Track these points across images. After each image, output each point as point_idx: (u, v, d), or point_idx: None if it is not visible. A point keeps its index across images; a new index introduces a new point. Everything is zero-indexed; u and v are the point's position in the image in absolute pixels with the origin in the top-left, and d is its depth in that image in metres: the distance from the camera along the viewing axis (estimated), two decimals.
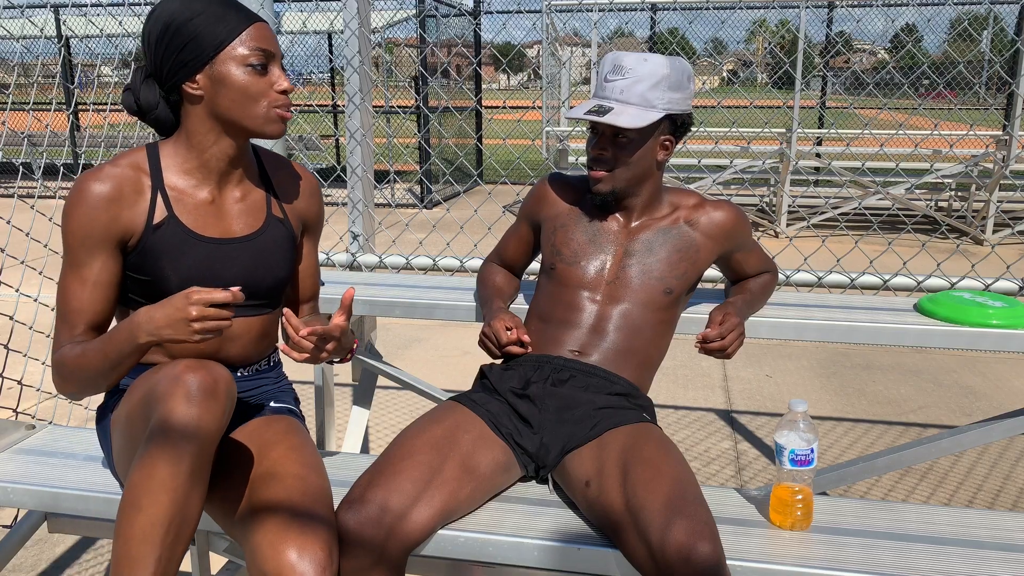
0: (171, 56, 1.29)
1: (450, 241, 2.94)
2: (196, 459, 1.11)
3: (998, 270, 2.48)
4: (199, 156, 1.36)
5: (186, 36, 1.28)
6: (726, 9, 8.04)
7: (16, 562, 2.26)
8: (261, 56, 1.31)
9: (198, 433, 1.11)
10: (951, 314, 1.80)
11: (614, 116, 1.54)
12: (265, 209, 1.44)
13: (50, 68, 12.14)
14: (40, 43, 10.58)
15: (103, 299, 1.32)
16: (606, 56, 1.62)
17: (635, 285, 1.62)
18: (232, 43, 1.29)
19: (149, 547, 1.09)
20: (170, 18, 1.28)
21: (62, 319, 1.32)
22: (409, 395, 3.61)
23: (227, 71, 1.29)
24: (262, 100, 1.32)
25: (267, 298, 1.45)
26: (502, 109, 13.93)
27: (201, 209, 1.37)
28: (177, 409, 1.10)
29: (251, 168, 1.45)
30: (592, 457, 1.39)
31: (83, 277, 1.31)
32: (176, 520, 1.10)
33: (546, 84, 9.12)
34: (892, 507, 1.45)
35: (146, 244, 1.32)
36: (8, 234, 2.70)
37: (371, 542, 1.24)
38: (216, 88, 1.30)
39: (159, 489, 1.09)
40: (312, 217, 1.55)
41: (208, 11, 1.29)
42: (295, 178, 1.52)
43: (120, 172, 1.31)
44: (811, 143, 8.53)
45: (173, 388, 1.12)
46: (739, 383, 3.73)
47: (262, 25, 1.33)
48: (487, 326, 1.64)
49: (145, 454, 1.10)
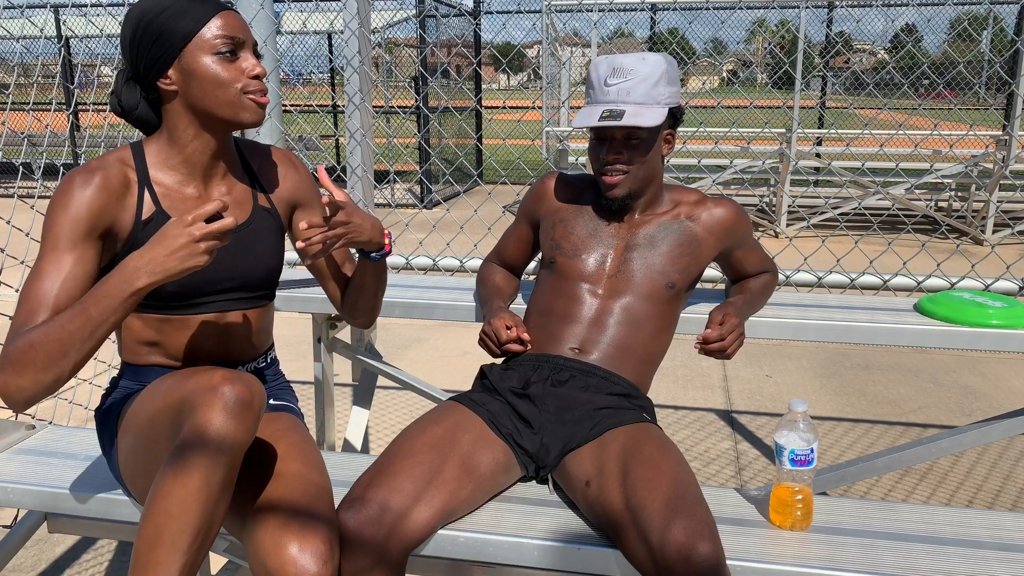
0: (144, 54, 1.30)
1: (450, 241, 2.94)
2: (228, 470, 1.11)
3: (998, 270, 2.48)
4: (181, 152, 1.36)
5: (155, 32, 1.29)
6: (726, 9, 8.04)
7: (16, 562, 2.26)
8: (228, 43, 1.31)
9: (233, 445, 1.11)
10: (951, 314, 1.80)
11: (632, 118, 1.54)
12: (252, 201, 1.45)
13: (50, 68, 12.14)
14: (40, 43, 10.57)
15: (73, 288, 1.25)
16: (597, 62, 1.62)
17: (637, 278, 1.63)
18: (199, 33, 1.29)
19: (177, 554, 1.09)
20: (140, 17, 1.29)
21: (23, 306, 1.23)
22: (409, 395, 3.61)
23: (195, 61, 1.30)
24: (233, 86, 1.32)
25: (261, 289, 1.46)
26: (502, 109, 13.94)
27: (188, 204, 1.37)
28: (215, 420, 1.10)
29: (234, 162, 1.45)
30: (592, 457, 1.39)
31: (59, 263, 1.25)
32: (204, 529, 1.10)
33: (546, 84, 9.12)
34: (892, 507, 1.46)
35: (136, 239, 1.32)
36: (8, 234, 2.70)
37: (371, 542, 1.24)
38: (187, 80, 1.30)
39: (192, 498, 1.09)
40: (301, 193, 1.53)
41: (174, 5, 1.29)
42: (272, 163, 1.52)
43: (108, 166, 1.31)
44: (811, 143, 8.53)
45: (211, 399, 1.11)
46: (739, 383, 3.73)
47: (229, 13, 1.33)
48: (487, 324, 1.64)
49: (179, 462, 1.10)
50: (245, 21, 1.37)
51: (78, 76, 10.45)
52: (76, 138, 9.68)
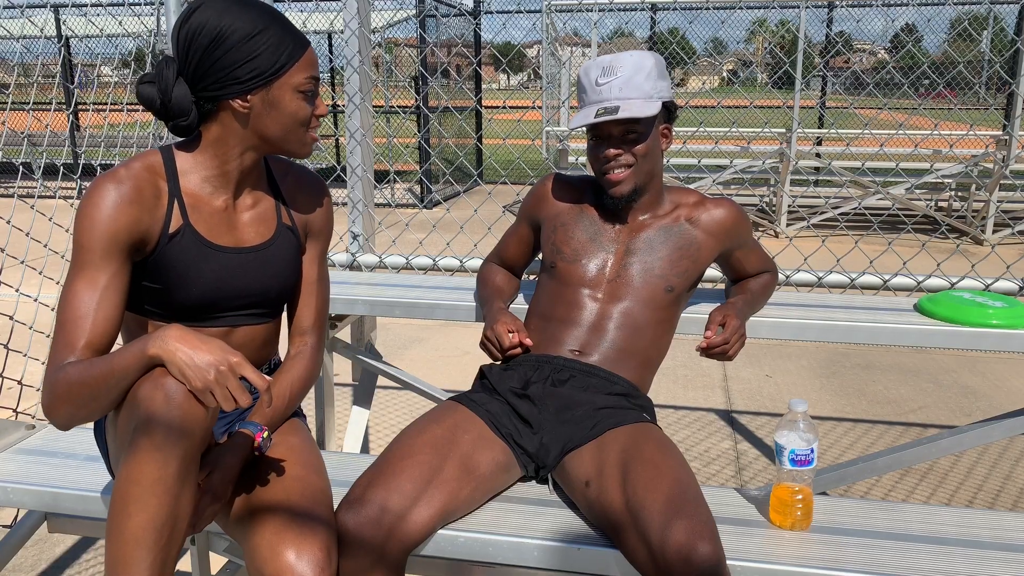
0: (222, 70, 1.24)
1: (450, 241, 2.93)
2: (183, 460, 1.09)
3: (998, 270, 2.48)
4: (221, 166, 1.33)
5: (244, 54, 1.24)
6: (726, 9, 8.04)
7: (16, 562, 2.26)
8: (314, 84, 1.30)
9: (183, 434, 1.08)
10: (951, 314, 1.80)
11: (628, 111, 1.54)
12: (276, 217, 1.42)
13: (50, 68, 12.13)
14: (40, 43, 10.57)
15: (110, 307, 1.23)
16: (586, 66, 1.63)
17: (636, 283, 1.63)
18: (291, 69, 1.27)
19: (143, 551, 1.08)
20: (226, 30, 1.23)
21: (62, 331, 1.22)
22: (409, 395, 3.61)
23: (282, 96, 1.28)
24: (306, 124, 1.32)
25: (273, 307, 1.44)
26: (502, 109, 13.94)
27: (215, 217, 1.34)
28: (158, 412, 1.07)
29: (261, 175, 1.43)
30: (592, 457, 1.39)
31: (95, 281, 1.23)
32: (168, 522, 1.09)
33: (546, 84, 9.12)
34: (892, 507, 1.45)
35: (161, 252, 1.29)
36: (8, 234, 2.70)
37: (371, 542, 1.24)
38: (267, 110, 1.28)
39: (148, 493, 1.07)
40: (317, 223, 1.49)
41: (269, 31, 1.25)
42: (303, 184, 1.49)
43: (138, 175, 1.27)
44: (811, 143, 8.53)
45: (153, 391, 1.09)
46: (739, 383, 3.73)
47: (312, 51, 1.32)
48: (489, 329, 1.64)
49: (130, 457, 1.09)
50: None
51: (78, 76, 10.45)
52: (76, 138, 9.68)
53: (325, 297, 1.52)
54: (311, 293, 1.50)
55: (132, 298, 1.34)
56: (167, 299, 1.32)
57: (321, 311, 1.51)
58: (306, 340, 1.49)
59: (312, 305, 1.50)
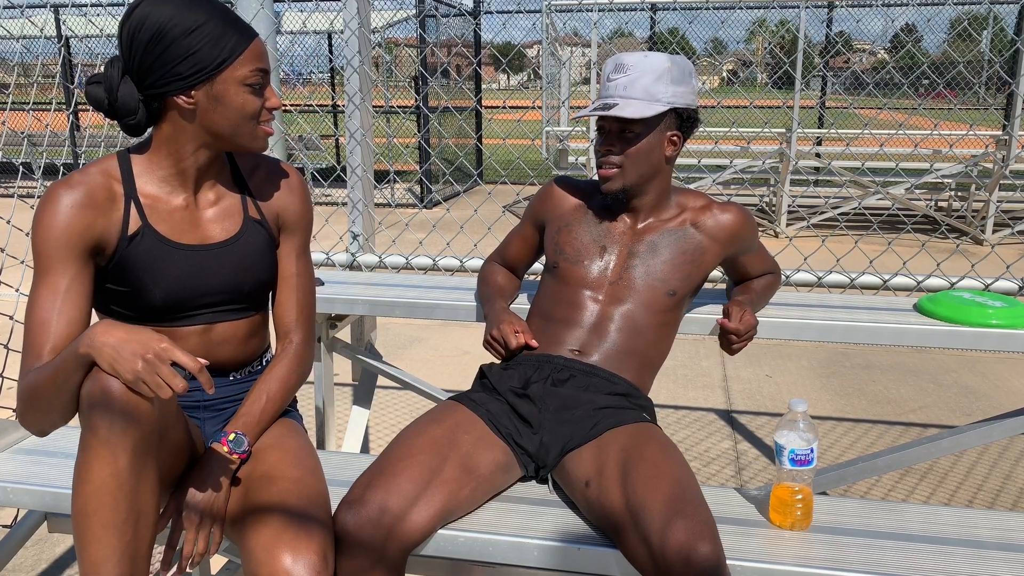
0: (164, 66, 1.23)
1: (450, 241, 2.94)
2: (133, 453, 1.07)
3: (998, 270, 2.48)
4: (176, 164, 1.32)
5: (185, 49, 1.22)
6: (726, 9, 8.04)
7: (16, 562, 2.26)
8: (260, 76, 1.29)
9: (128, 426, 1.06)
10: (951, 314, 1.80)
11: (619, 109, 1.54)
12: (242, 212, 1.40)
13: (50, 68, 12.14)
14: (40, 43, 10.58)
15: (73, 311, 1.23)
16: (608, 59, 1.63)
17: (638, 286, 1.62)
18: (234, 63, 1.26)
19: (107, 550, 1.07)
20: (165, 25, 1.22)
21: (27, 338, 1.22)
22: (409, 395, 3.61)
23: (227, 89, 1.26)
24: (256, 118, 1.31)
25: (249, 302, 1.42)
26: (502, 109, 13.94)
27: (176, 216, 1.33)
28: (99, 407, 1.06)
29: (224, 170, 1.41)
30: (592, 457, 1.39)
31: (55, 286, 1.23)
32: (129, 518, 1.08)
33: (546, 84, 9.12)
34: (892, 507, 1.45)
35: (122, 255, 1.29)
36: (8, 234, 2.70)
37: (370, 543, 1.24)
38: (213, 105, 1.27)
39: (101, 491, 1.06)
40: (291, 216, 1.46)
41: (209, 24, 1.24)
42: (272, 175, 1.46)
43: (91, 179, 1.27)
44: (811, 143, 8.53)
45: (92, 387, 1.07)
46: (739, 383, 3.73)
47: (259, 42, 1.30)
48: (495, 329, 1.64)
49: (80, 457, 1.08)
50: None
51: (78, 76, 10.45)
52: (76, 138, 9.68)
53: (308, 291, 1.50)
54: (290, 288, 1.47)
55: (101, 302, 1.34)
56: (135, 301, 1.32)
57: (304, 306, 1.49)
58: (291, 339, 1.47)
59: (293, 300, 1.48)
